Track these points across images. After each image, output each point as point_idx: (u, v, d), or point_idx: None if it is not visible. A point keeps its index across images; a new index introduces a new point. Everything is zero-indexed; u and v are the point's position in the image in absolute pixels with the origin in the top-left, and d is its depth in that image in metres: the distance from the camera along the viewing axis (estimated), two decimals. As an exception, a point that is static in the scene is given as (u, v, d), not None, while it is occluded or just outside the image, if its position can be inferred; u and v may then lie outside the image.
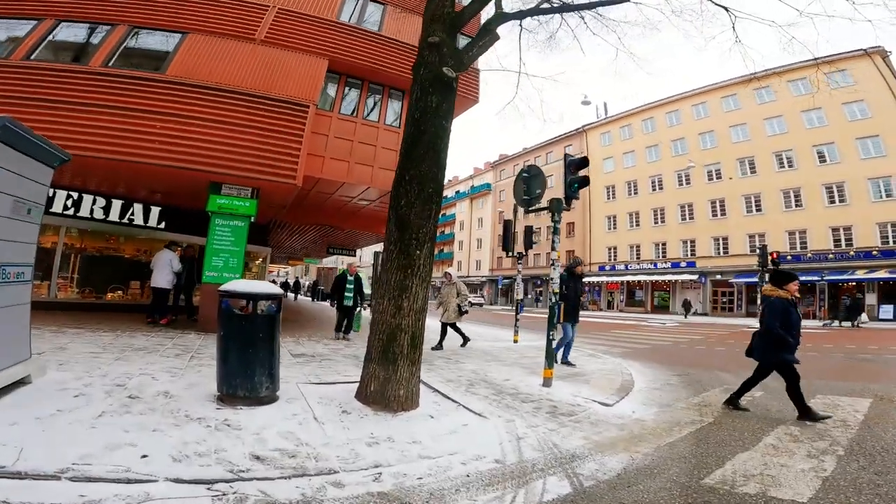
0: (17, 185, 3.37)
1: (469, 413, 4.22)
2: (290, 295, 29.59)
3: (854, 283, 26.61)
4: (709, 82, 35.78)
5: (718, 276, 33.26)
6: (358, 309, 9.53)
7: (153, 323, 8.44)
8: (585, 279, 41.37)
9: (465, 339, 9.09)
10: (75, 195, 10.22)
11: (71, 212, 10.21)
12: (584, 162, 5.90)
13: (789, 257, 28.05)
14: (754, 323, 22.00)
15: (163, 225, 11.41)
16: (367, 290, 27.35)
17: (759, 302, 22.41)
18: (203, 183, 8.32)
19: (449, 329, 8.84)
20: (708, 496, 2.61)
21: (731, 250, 32.93)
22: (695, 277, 34.30)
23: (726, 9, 5.71)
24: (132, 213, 11.02)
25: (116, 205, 10.76)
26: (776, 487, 2.74)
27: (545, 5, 5.54)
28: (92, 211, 10.47)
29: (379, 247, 23.13)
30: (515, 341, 10.70)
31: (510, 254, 10.98)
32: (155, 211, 11.31)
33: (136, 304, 10.95)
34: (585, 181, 5.84)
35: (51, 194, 9.90)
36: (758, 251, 29.65)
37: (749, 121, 33.03)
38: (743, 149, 33.18)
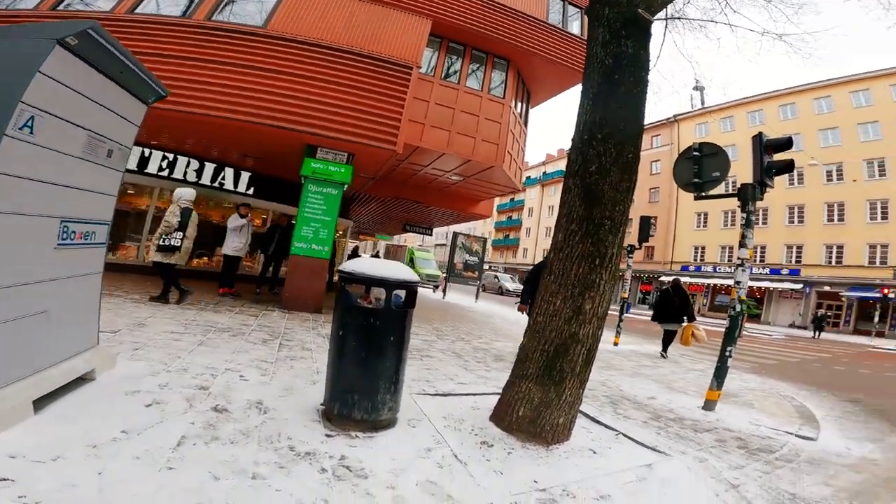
0: (97, 117, 2.55)
1: (640, 447, 3.25)
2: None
3: None
4: (833, 75, 31.15)
5: (826, 288, 29.36)
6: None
7: (224, 294, 7.95)
8: (665, 278, 38.81)
9: (166, 293, 6.32)
10: (170, 156, 10.05)
11: (165, 173, 10.06)
12: (787, 143, 4.47)
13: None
14: (883, 343, 19.13)
15: (251, 191, 11.09)
16: (426, 269, 27.15)
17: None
18: (297, 146, 7.67)
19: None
20: None
21: (847, 260, 28.85)
22: (797, 287, 30.53)
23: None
24: (223, 178, 10.75)
25: (209, 168, 10.52)
26: None
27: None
28: (185, 173, 10.28)
29: (457, 227, 22.37)
30: (616, 344, 9.51)
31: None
32: (245, 176, 10.99)
33: (219, 272, 10.77)
34: (789, 166, 4.44)
35: (147, 154, 9.81)
36: (884, 263, 26.18)
37: (882, 118, 28.40)
38: (873, 149, 28.68)
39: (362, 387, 2.75)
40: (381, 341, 2.74)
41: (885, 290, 23.99)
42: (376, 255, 30.36)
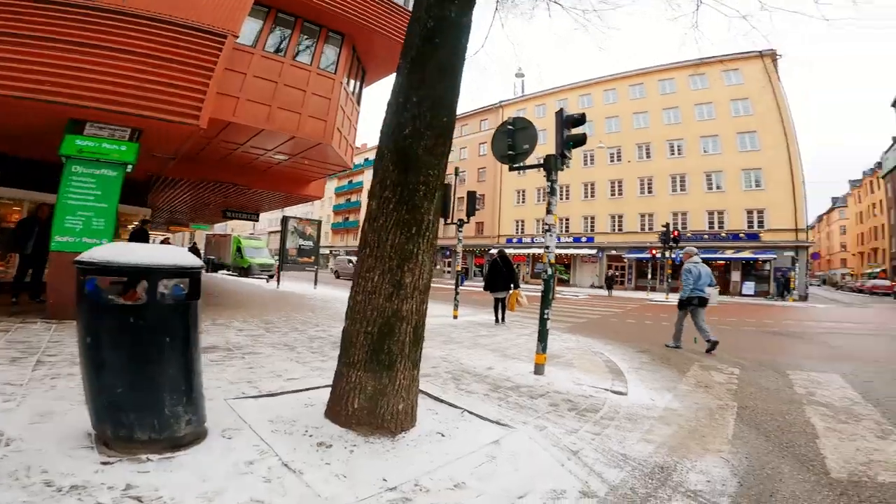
0: None
1: (485, 423, 3.27)
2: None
3: (724, 262, 30.16)
4: (618, 70, 37.84)
5: (613, 252, 35.78)
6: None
7: None
8: (493, 251, 43.00)
9: None
10: None
11: None
12: (580, 119, 5.03)
13: (689, 235, 30.72)
14: (655, 296, 23.75)
15: (-10, 177, 8.45)
16: (257, 259, 24.72)
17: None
18: (59, 122, 6.04)
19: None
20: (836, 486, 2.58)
21: (626, 228, 35.54)
22: (593, 252, 36.60)
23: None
24: (-60, 160, 7.95)
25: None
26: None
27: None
28: None
29: (290, 211, 20.67)
30: (455, 317, 9.96)
31: (448, 221, 10.05)
32: (-23, 158, 8.30)
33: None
34: (582, 139, 5.02)
35: None
36: (651, 229, 33.00)
37: (650, 109, 35.47)
38: (642, 135, 35.63)
39: (139, 403, 2.20)
40: (155, 345, 2.20)
41: (653, 252, 30.16)
42: (193, 247, 26.57)
